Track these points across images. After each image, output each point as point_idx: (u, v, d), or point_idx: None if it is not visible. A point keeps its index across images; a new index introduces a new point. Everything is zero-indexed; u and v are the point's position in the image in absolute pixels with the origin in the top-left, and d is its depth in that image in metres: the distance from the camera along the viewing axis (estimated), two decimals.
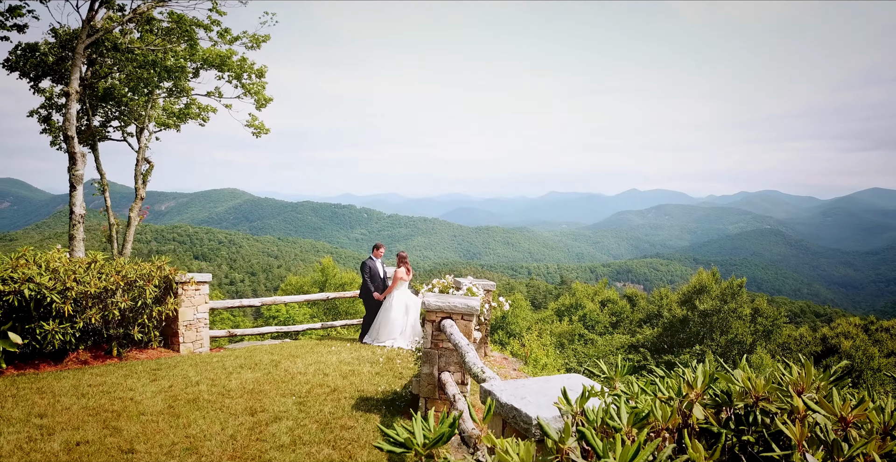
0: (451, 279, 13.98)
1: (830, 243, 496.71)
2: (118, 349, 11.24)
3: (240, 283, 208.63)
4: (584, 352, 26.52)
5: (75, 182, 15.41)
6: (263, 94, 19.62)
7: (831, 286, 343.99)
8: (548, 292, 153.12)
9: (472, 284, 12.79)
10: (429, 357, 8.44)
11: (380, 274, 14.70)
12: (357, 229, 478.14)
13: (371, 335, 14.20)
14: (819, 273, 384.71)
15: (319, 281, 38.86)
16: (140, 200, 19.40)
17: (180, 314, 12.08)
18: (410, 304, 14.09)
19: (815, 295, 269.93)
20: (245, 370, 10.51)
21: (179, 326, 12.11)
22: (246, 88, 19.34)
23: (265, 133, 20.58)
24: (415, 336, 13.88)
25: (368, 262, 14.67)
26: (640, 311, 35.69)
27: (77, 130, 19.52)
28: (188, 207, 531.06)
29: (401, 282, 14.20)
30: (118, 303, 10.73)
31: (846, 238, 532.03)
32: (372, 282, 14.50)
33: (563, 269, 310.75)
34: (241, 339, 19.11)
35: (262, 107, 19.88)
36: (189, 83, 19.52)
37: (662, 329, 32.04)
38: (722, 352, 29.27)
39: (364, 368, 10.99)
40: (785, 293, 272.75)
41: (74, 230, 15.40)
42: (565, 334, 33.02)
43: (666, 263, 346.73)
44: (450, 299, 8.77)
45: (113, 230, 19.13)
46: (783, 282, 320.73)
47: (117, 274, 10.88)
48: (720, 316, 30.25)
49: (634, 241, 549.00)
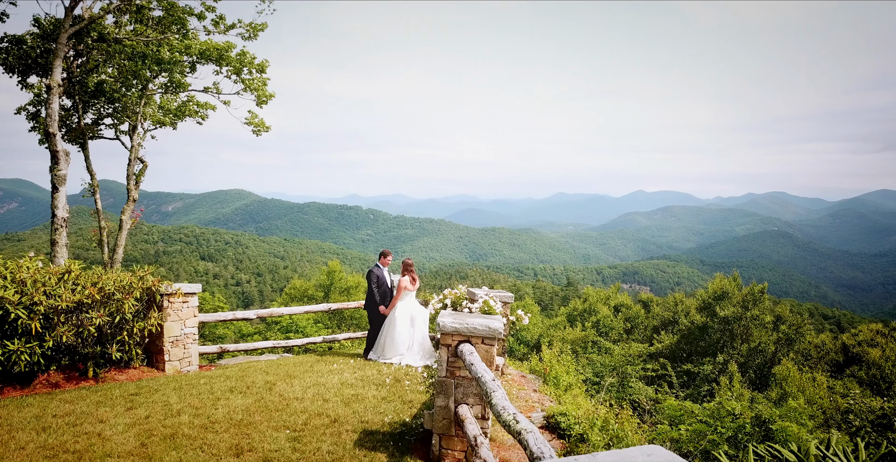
0: (464, 290, 12.88)
1: (839, 245, 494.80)
2: (94, 370, 10.07)
3: (246, 284, 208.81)
4: (601, 361, 25.18)
5: (58, 183, 14.25)
6: (264, 90, 18.49)
7: (839, 288, 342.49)
8: (554, 294, 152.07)
9: (489, 296, 11.67)
10: (444, 387, 7.26)
11: (387, 284, 13.66)
12: (363, 230, 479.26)
13: (376, 351, 13.10)
14: (827, 275, 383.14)
15: (324, 285, 37.79)
16: (132, 202, 18.25)
17: (165, 330, 10.91)
18: (417, 315, 13.10)
19: (822, 297, 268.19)
20: (235, 395, 9.33)
21: (165, 343, 10.93)
22: (246, 84, 18.21)
23: (266, 131, 19.44)
24: (423, 351, 12.90)
25: (375, 271, 13.60)
26: (655, 317, 34.41)
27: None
28: (195, 208, 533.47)
29: (406, 292, 13.18)
30: (94, 318, 9.55)
31: (854, 240, 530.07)
32: (378, 293, 13.46)
33: (570, 271, 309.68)
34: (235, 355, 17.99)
35: (263, 103, 18.76)
36: (185, 78, 18.39)
37: (680, 336, 30.83)
38: (743, 361, 28.01)
39: (369, 392, 9.82)
40: (792, 295, 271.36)
41: (56, 235, 14.22)
42: (578, 342, 31.78)
43: (673, 265, 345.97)
44: (467, 320, 7.58)
45: (104, 234, 18.00)
46: (791, 284, 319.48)
47: (93, 286, 9.71)
48: (742, 323, 28.95)
49: (641, 242, 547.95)
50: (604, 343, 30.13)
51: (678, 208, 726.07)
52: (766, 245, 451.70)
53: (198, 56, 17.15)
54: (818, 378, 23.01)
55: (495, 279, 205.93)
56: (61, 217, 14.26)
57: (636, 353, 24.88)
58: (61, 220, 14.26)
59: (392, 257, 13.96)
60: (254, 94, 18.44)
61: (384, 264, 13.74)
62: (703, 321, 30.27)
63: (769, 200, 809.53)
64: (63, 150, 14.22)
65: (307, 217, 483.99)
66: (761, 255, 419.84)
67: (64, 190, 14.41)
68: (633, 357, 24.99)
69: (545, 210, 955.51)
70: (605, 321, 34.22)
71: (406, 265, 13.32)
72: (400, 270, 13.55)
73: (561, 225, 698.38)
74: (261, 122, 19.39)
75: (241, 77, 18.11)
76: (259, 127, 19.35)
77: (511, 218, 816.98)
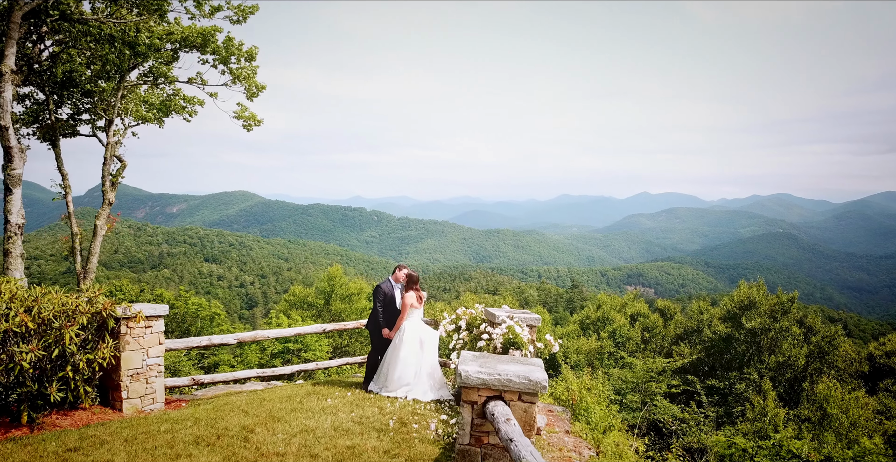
0: (480, 309, 11.04)
1: (844, 247, 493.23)
2: (30, 414, 8.13)
3: (250, 285, 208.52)
4: (621, 377, 23.22)
5: (11, 184, 12.34)
6: (255, 80, 16.50)
7: (844, 291, 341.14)
8: (559, 296, 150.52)
9: (512, 319, 9.82)
10: (467, 459, 5.36)
11: (396, 303, 11.88)
12: (367, 232, 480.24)
13: (378, 381, 11.23)
14: (832, 277, 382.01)
15: (325, 291, 35.91)
16: (108, 205, 16.33)
17: (123, 361, 8.98)
18: (426, 338, 11.28)
19: (828, 299, 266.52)
20: (200, 449, 7.40)
21: (122, 377, 8.98)
22: (234, 74, 16.22)
23: (257, 125, 17.43)
24: (432, 381, 10.99)
25: (384, 287, 11.82)
26: (677, 326, 32.34)
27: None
28: (199, 209, 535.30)
29: (412, 310, 11.46)
30: (24, 352, 7.65)
31: (860, 242, 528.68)
32: (385, 312, 11.72)
33: (574, 273, 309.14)
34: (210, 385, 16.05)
35: (253, 96, 16.78)
36: (166, 67, 16.45)
37: (702, 348, 28.83)
38: (772, 375, 25.97)
39: (368, 442, 7.87)
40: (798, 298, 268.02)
41: (10, 244, 12.31)
42: (593, 353, 29.82)
43: (677, 267, 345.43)
44: (498, 367, 5.65)
45: (76, 241, 16.13)
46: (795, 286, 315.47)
47: (26, 312, 7.81)
48: (770, 335, 26.93)
49: (645, 244, 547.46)
50: (623, 355, 28.15)
51: (682, 210, 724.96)
52: (771, 247, 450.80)
53: (180, 42, 15.26)
54: (861, 398, 21.02)
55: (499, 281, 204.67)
56: (15, 223, 12.37)
57: (659, 367, 22.92)
58: (15, 227, 12.37)
59: (407, 270, 12.14)
60: (243, 85, 16.45)
61: (397, 280, 11.99)
62: (728, 332, 28.22)
63: (774, 202, 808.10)
64: (17, 147, 12.34)
65: (311, 219, 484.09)
66: (766, 257, 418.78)
67: (18, 192, 12.53)
68: (657, 372, 23.09)
69: (549, 212, 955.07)
70: (622, 331, 32.15)
71: (411, 279, 11.62)
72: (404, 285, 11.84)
73: (565, 227, 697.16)
74: (251, 116, 17.37)
75: (229, 66, 16.15)
76: (250, 121, 17.35)
77: (515, 220, 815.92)
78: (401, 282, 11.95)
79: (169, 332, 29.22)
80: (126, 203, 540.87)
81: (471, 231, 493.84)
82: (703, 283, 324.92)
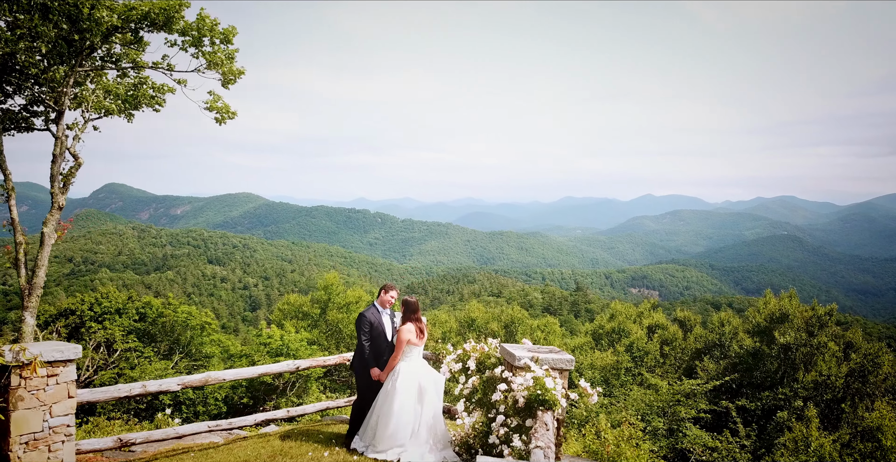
0: (494, 345, 8.99)
1: (849, 249, 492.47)
2: None
3: (253, 287, 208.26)
4: (644, 399, 20.66)
5: None
6: (232, 66, 13.92)
7: (850, 293, 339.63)
8: (563, 299, 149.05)
9: (536, 361, 7.52)
10: None
11: (386, 333, 9.53)
12: (371, 234, 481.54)
13: (365, 437, 8.89)
14: (837, 280, 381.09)
15: (321, 300, 33.68)
16: (58, 211, 13.97)
17: (14, 424, 6.60)
18: (427, 383, 8.90)
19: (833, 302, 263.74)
20: None
21: (12, 445, 6.62)
22: (207, 58, 13.68)
23: (231, 118, 14.79)
24: (433, 439, 8.72)
25: (370, 315, 9.46)
26: (697, 339, 29.71)
27: None
28: (203, 211, 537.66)
29: (410, 348, 9.08)
30: None
31: (865, 244, 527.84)
32: (373, 347, 9.40)
33: (578, 275, 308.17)
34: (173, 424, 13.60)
35: (230, 83, 14.16)
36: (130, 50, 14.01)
37: (727, 364, 26.22)
38: (807, 395, 23.24)
39: None
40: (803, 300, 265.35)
41: None
42: (609, 368, 27.32)
43: (682, 269, 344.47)
44: None
45: (19, 251, 13.81)
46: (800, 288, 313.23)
47: None
48: (805, 351, 24.21)
49: (649, 246, 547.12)
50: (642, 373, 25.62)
51: (687, 212, 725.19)
52: (776, 249, 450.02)
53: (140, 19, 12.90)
54: None
55: (503, 284, 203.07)
56: None
57: (687, 389, 20.32)
58: None
59: (397, 294, 9.83)
60: (218, 71, 13.93)
61: (385, 304, 9.62)
62: (756, 347, 25.52)
63: (778, 204, 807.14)
64: None
65: (315, 220, 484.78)
66: (771, 259, 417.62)
67: None
68: (684, 395, 20.54)
69: (553, 214, 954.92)
70: (640, 344, 29.49)
71: (409, 307, 9.24)
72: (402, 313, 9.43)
73: (569, 229, 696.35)
74: (225, 108, 14.68)
75: (201, 49, 13.64)
76: (223, 112, 14.74)
77: (519, 222, 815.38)
78: (388, 307, 9.67)
79: (157, 343, 26.87)
80: (130, 205, 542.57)
81: (474, 233, 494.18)
82: (708, 285, 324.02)
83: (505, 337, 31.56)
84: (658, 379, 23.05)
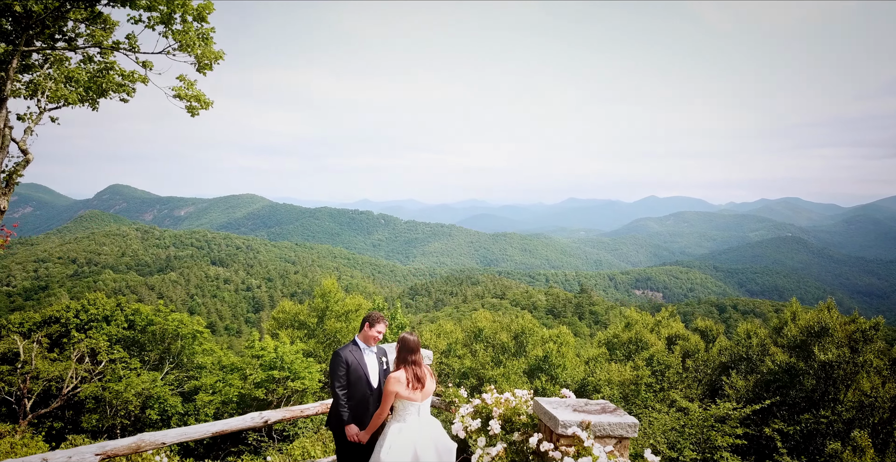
0: (525, 397, 6.82)
1: (854, 251, 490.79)
2: None
3: (256, 289, 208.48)
4: (674, 423, 18.50)
5: None
6: (208, 48, 11.99)
7: (855, 295, 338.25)
8: (567, 301, 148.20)
9: (587, 428, 5.34)
10: None
11: (370, 379, 7.22)
12: (375, 235, 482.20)
13: None
14: (842, 282, 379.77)
15: (319, 308, 32.46)
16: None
17: None
18: (427, 456, 6.53)
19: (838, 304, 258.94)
20: None
21: None
22: (178, 38, 11.93)
23: (205, 108, 12.73)
24: None
25: (346, 354, 7.13)
26: (722, 351, 27.60)
27: None
28: (207, 213, 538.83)
29: (404, 404, 6.73)
30: None
31: (870, 246, 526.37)
32: (350, 397, 7.12)
33: (582, 277, 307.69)
34: None
35: (206, 68, 12.36)
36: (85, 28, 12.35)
37: (758, 381, 24.01)
38: (850, 418, 21.13)
39: None
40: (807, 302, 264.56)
41: None
42: (628, 383, 25.61)
43: (686, 271, 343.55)
44: None
45: None
46: (805, 290, 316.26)
47: None
48: (847, 368, 21.93)
49: (653, 248, 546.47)
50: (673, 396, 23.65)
51: (691, 214, 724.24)
52: (781, 251, 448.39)
53: None
54: None
55: (506, 286, 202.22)
56: None
57: (723, 413, 17.99)
58: None
59: (385, 327, 7.36)
60: (191, 55, 12.19)
61: (369, 340, 7.30)
62: (791, 362, 23.13)
63: (783, 206, 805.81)
64: None
65: (319, 222, 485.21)
66: (775, 261, 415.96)
67: None
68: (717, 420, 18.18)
69: (557, 215, 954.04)
70: (660, 356, 27.31)
71: (405, 346, 6.84)
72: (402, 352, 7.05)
73: (573, 230, 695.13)
74: (198, 96, 12.59)
75: (171, 28, 11.88)
76: (195, 101, 12.82)
77: (522, 223, 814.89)
78: (373, 344, 7.36)
79: (147, 352, 25.78)
80: (134, 206, 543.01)
81: (478, 234, 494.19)
82: (712, 287, 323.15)
83: (515, 348, 30.14)
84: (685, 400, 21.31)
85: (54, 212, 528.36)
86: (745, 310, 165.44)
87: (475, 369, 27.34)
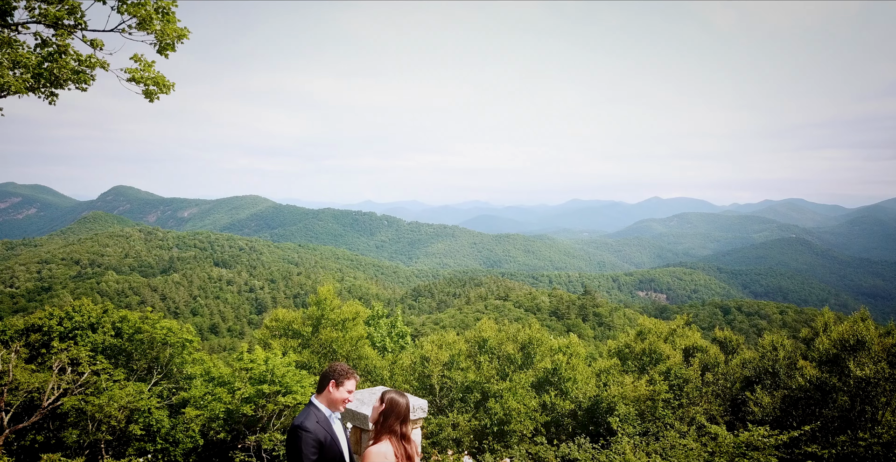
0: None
1: (858, 253, 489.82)
2: None
3: (259, 290, 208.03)
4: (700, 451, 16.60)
5: None
6: (170, 25, 9.87)
7: (859, 297, 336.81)
8: (571, 303, 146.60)
9: None
10: None
11: (342, 454, 5.60)
12: (378, 236, 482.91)
13: None
14: (846, 283, 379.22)
15: (314, 316, 30.91)
16: None
17: None
18: None
19: (842, 306, 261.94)
20: None
21: None
22: (132, 11, 9.41)
23: (165, 92, 10.44)
24: None
25: (314, 429, 5.45)
26: (744, 364, 25.58)
27: None
28: (210, 214, 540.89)
29: None
30: None
31: (874, 247, 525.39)
32: None
33: (585, 278, 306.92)
34: None
35: (168, 48, 9.99)
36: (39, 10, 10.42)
37: (788, 398, 21.93)
38: (889, 440, 18.89)
39: None
40: (811, 303, 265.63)
41: None
42: (643, 399, 23.55)
43: (689, 272, 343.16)
44: None
45: None
46: (809, 292, 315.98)
47: None
48: (885, 385, 19.81)
49: (657, 249, 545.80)
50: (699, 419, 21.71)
51: (694, 215, 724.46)
52: (784, 252, 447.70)
53: None
54: None
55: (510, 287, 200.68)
56: None
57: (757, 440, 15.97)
58: None
59: (355, 382, 5.81)
60: (150, 33, 9.90)
61: (336, 405, 5.74)
62: (822, 378, 20.88)
63: (787, 207, 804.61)
64: None
65: (322, 223, 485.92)
66: (779, 262, 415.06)
67: None
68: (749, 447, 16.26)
69: (560, 217, 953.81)
70: (677, 370, 25.02)
71: (392, 410, 5.47)
72: None
73: (576, 231, 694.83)
74: (158, 79, 10.50)
75: (126, 3, 9.58)
76: (153, 85, 10.52)
77: (526, 224, 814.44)
78: (341, 408, 5.72)
79: (135, 362, 24.34)
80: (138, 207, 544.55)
81: (481, 236, 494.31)
82: (716, 288, 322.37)
83: (522, 360, 28.42)
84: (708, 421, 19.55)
85: (58, 213, 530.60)
86: (749, 311, 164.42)
87: (479, 383, 25.74)
